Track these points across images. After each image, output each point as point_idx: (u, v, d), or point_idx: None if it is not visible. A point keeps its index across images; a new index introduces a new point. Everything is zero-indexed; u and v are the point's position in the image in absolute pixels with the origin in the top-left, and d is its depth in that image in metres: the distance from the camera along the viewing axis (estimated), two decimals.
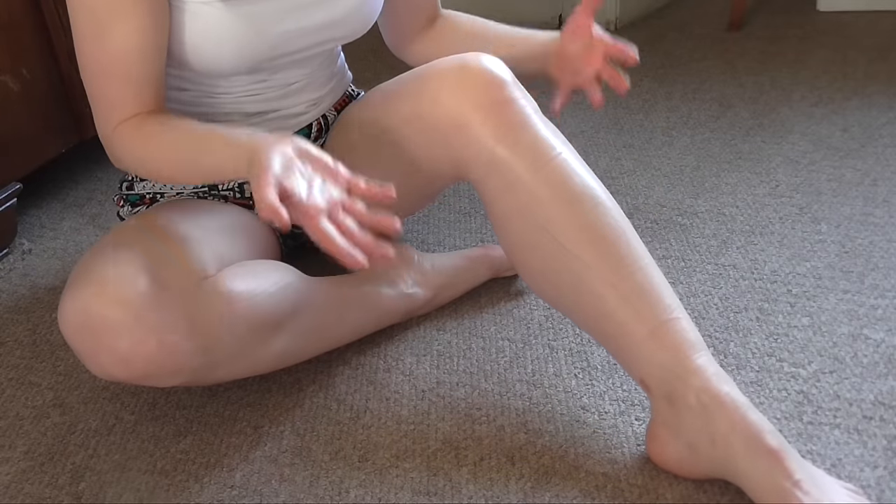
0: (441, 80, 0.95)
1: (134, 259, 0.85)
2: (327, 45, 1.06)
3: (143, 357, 0.82)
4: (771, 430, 0.80)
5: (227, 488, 0.91)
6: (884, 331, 1.06)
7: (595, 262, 0.88)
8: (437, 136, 0.96)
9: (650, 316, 0.86)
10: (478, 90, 0.93)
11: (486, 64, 0.95)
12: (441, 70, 0.96)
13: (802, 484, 0.77)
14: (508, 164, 0.92)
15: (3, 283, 1.33)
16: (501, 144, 0.92)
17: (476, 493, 0.88)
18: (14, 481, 0.94)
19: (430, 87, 0.96)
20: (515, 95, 0.94)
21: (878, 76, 1.81)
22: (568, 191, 0.90)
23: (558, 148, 0.92)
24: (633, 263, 0.88)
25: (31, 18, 1.39)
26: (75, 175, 1.66)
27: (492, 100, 0.93)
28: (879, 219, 1.29)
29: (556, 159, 0.91)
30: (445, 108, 0.94)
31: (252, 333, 0.91)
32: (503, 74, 0.95)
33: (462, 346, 1.10)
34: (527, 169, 0.91)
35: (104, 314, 0.81)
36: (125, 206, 1.12)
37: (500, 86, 0.94)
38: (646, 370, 0.87)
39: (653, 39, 2.17)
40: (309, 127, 1.13)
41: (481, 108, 0.93)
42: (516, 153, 0.91)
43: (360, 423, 0.99)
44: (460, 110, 0.93)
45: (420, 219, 1.39)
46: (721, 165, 1.50)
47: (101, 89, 0.94)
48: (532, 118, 0.93)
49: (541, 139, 0.92)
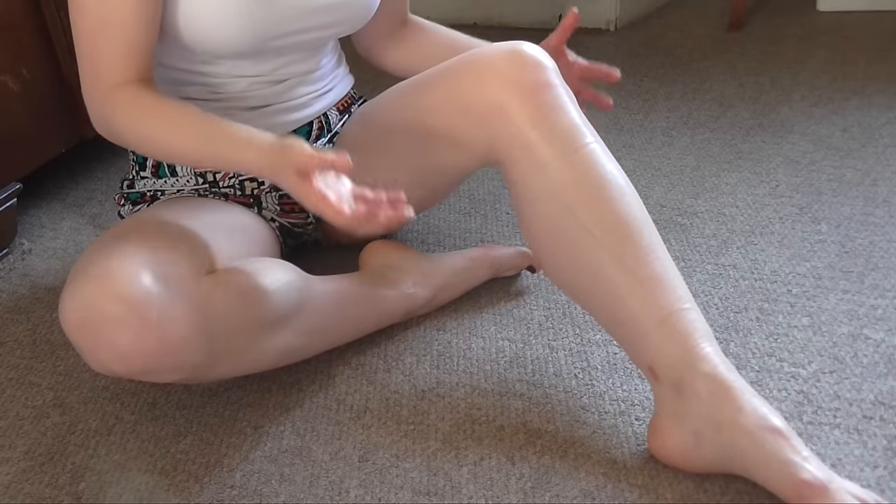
0: (481, 65, 0.97)
1: (135, 255, 0.85)
2: (329, 31, 1.06)
3: (143, 353, 0.82)
4: (777, 414, 0.82)
5: (227, 488, 0.91)
6: (884, 331, 1.06)
7: (615, 246, 0.89)
8: (472, 119, 0.97)
9: (663, 304, 0.87)
10: (518, 73, 0.95)
11: (528, 49, 0.97)
12: (481, 56, 0.98)
13: (811, 459, 0.78)
14: (541, 147, 0.93)
15: (3, 283, 1.33)
16: (537, 128, 0.93)
17: (476, 493, 0.88)
18: (14, 481, 0.94)
19: (470, 71, 0.98)
20: (555, 82, 0.96)
21: (878, 76, 1.81)
22: (595, 177, 0.92)
23: (590, 137, 0.94)
24: (651, 252, 0.90)
25: (31, 19, 1.39)
26: (75, 175, 1.66)
27: (532, 83, 0.95)
28: (879, 219, 1.29)
29: (587, 146, 0.93)
30: (485, 90, 0.96)
31: (252, 331, 0.91)
32: (546, 60, 0.97)
33: (462, 346, 1.10)
34: (558, 154, 0.92)
35: (105, 309, 0.81)
36: (126, 205, 1.12)
37: (543, 70, 0.96)
38: (655, 357, 0.87)
39: (653, 39, 2.17)
40: (310, 125, 1.13)
41: (521, 91, 0.94)
42: (550, 137, 0.93)
43: (360, 423, 0.99)
44: (500, 93, 0.95)
45: (420, 219, 1.39)
46: (721, 165, 1.50)
47: (93, 45, 0.93)
48: (568, 105, 0.95)
49: (575, 127, 0.94)
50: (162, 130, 0.92)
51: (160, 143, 0.93)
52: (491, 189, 1.49)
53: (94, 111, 0.97)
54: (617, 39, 2.19)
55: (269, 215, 1.13)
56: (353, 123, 1.16)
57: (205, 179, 1.10)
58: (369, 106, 1.15)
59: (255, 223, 1.09)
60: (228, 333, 0.89)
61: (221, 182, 1.10)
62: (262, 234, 1.09)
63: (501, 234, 1.34)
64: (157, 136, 0.93)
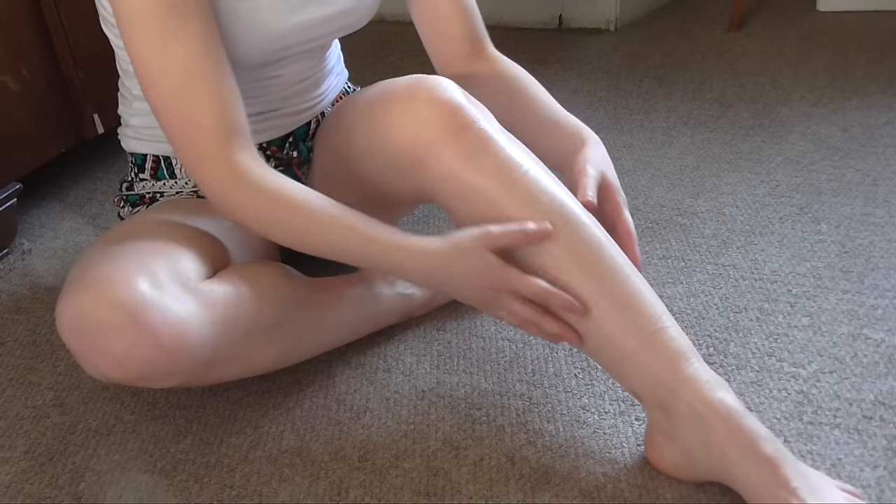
0: (392, 114, 0.92)
1: (131, 260, 0.85)
2: (337, 34, 1.05)
3: (139, 359, 0.82)
4: (767, 436, 0.80)
5: (227, 488, 0.91)
6: (884, 331, 1.06)
7: (575, 280, 0.86)
8: (398, 170, 0.94)
9: (635, 329, 0.85)
10: (431, 122, 0.89)
11: (436, 91, 0.90)
12: (391, 100, 0.93)
13: (799, 491, 0.77)
14: (477, 188, 0.89)
15: (3, 283, 1.33)
16: (467, 171, 0.89)
17: (476, 493, 0.88)
18: (14, 481, 0.94)
19: (382, 121, 0.93)
20: (472, 118, 0.90)
21: (878, 76, 1.81)
22: (540, 211, 0.87)
23: (526, 165, 0.89)
24: (613, 277, 0.86)
25: (31, 18, 1.39)
26: (75, 175, 1.66)
27: (448, 129, 0.89)
28: (879, 219, 1.29)
29: (524, 177, 0.89)
30: (401, 145, 0.91)
31: (249, 336, 0.91)
32: (456, 98, 0.90)
33: (462, 346, 1.10)
34: (497, 189, 0.88)
35: (101, 316, 0.81)
36: (125, 207, 1.12)
37: (455, 113, 0.89)
38: (637, 384, 0.86)
39: (653, 39, 2.17)
40: (308, 124, 1.13)
41: (437, 140, 0.89)
42: (483, 177, 0.88)
43: (360, 423, 0.99)
44: (416, 145, 0.90)
45: (420, 219, 1.39)
46: (721, 165, 1.50)
47: (185, 109, 0.86)
48: (493, 139, 0.90)
49: (506, 159, 0.89)
50: (313, 235, 0.89)
51: (304, 246, 0.91)
52: None
53: (220, 192, 0.89)
54: (617, 39, 2.19)
55: None
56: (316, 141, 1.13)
57: None
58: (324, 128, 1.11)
59: None
60: (226, 339, 0.88)
61: None
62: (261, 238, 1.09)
63: None
64: (299, 239, 0.90)
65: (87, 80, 1.48)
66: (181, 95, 0.86)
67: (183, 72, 0.85)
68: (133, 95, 1.06)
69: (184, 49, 0.85)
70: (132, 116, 1.07)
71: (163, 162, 1.08)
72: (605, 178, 0.97)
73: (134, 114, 1.07)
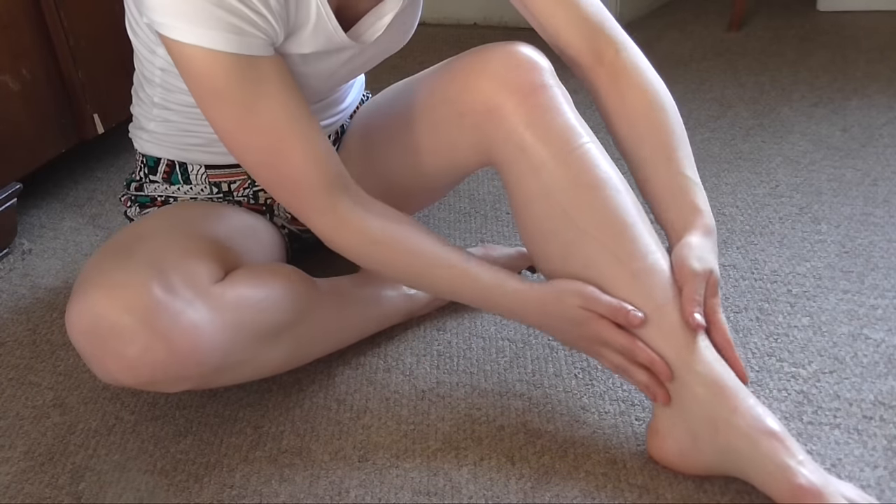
0: (477, 65, 0.96)
1: (143, 263, 0.85)
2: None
3: (150, 364, 0.82)
4: (771, 415, 0.81)
5: (227, 488, 0.91)
6: (884, 331, 1.06)
7: (608, 242, 0.88)
8: (466, 121, 0.96)
9: (656, 295, 0.86)
10: (513, 74, 0.93)
11: (523, 49, 0.95)
12: (476, 56, 0.97)
13: (807, 463, 0.78)
14: (536, 148, 0.92)
15: (3, 283, 1.33)
16: (531, 129, 0.92)
17: (476, 493, 0.88)
18: (14, 481, 0.94)
19: (464, 72, 0.97)
20: (550, 82, 0.95)
21: (878, 76, 1.81)
22: (590, 178, 0.91)
23: (585, 137, 0.93)
24: (645, 247, 0.89)
25: (31, 18, 1.39)
26: (75, 175, 1.66)
27: (527, 84, 0.93)
28: (879, 219, 1.29)
29: (582, 147, 0.92)
30: (480, 92, 0.94)
31: (258, 339, 0.91)
32: (540, 60, 0.95)
33: (462, 346, 1.10)
34: (553, 155, 0.91)
35: (113, 319, 0.81)
36: (133, 207, 1.11)
37: (537, 70, 0.94)
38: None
39: (653, 39, 2.17)
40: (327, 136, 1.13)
41: (516, 92, 0.93)
42: (545, 138, 0.92)
43: (360, 423, 0.99)
44: (495, 94, 0.93)
45: (420, 219, 1.39)
46: (721, 165, 1.50)
47: (281, 168, 0.88)
48: (563, 106, 0.94)
49: (570, 127, 0.93)
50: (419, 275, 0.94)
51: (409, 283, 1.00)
52: (491, 189, 1.49)
53: (320, 237, 0.93)
54: None
55: (279, 222, 1.13)
56: (356, 125, 1.15)
57: (219, 189, 1.09)
58: (371, 105, 1.14)
59: (266, 227, 1.09)
60: (237, 343, 0.88)
61: (236, 192, 1.10)
62: (271, 238, 1.09)
63: (501, 234, 1.34)
64: (406, 279, 0.98)
65: (87, 80, 1.48)
66: (275, 155, 0.87)
67: (271, 131, 0.86)
68: (153, 103, 1.04)
69: (268, 112, 0.85)
70: (150, 121, 1.06)
71: (178, 167, 1.07)
72: (711, 278, 0.89)
73: (153, 119, 1.06)
